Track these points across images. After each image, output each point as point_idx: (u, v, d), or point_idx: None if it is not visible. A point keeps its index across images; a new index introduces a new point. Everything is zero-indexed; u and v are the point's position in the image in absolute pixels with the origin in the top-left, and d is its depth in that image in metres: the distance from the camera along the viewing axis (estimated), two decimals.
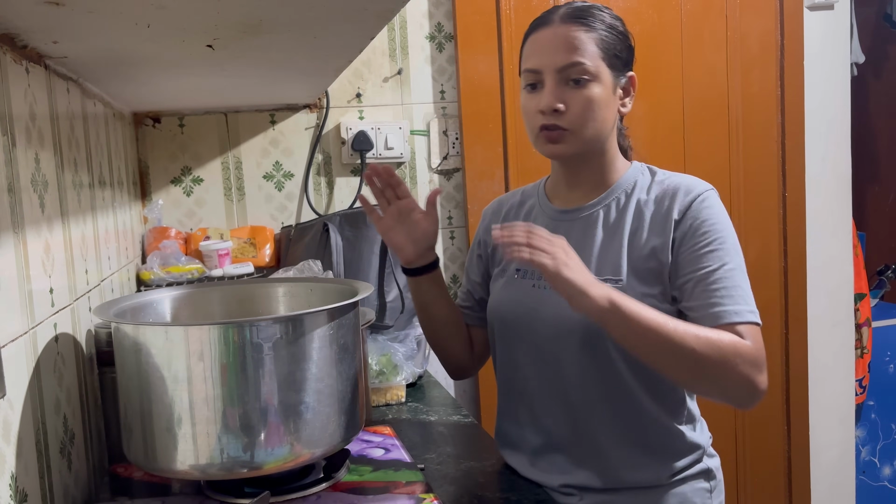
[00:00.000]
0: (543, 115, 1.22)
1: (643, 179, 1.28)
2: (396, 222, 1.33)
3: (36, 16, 0.86)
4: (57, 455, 1.06)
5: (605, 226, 1.26)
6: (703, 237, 1.18)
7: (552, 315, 1.23)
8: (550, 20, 1.23)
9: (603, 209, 1.27)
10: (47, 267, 1.07)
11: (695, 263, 1.17)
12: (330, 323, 1.09)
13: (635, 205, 1.25)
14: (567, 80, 1.21)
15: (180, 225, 2.10)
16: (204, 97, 1.86)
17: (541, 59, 1.22)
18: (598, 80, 1.21)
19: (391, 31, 2.17)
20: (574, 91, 1.21)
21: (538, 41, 1.24)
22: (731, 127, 2.36)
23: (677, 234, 1.20)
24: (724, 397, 1.17)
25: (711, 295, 1.15)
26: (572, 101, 1.21)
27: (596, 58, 1.21)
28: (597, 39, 1.21)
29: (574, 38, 1.20)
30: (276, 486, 1.12)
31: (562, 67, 1.20)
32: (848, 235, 2.49)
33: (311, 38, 1.12)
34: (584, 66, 1.20)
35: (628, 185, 1.28)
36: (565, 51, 1.20)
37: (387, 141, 2.14)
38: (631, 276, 1.20)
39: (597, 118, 1.22)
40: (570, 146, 1.23)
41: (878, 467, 2.81)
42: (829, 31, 2.40)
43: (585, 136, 1.23)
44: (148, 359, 1.04)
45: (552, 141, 1.24)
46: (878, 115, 3.43)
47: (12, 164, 0.95)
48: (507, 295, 1.33)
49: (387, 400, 1.71)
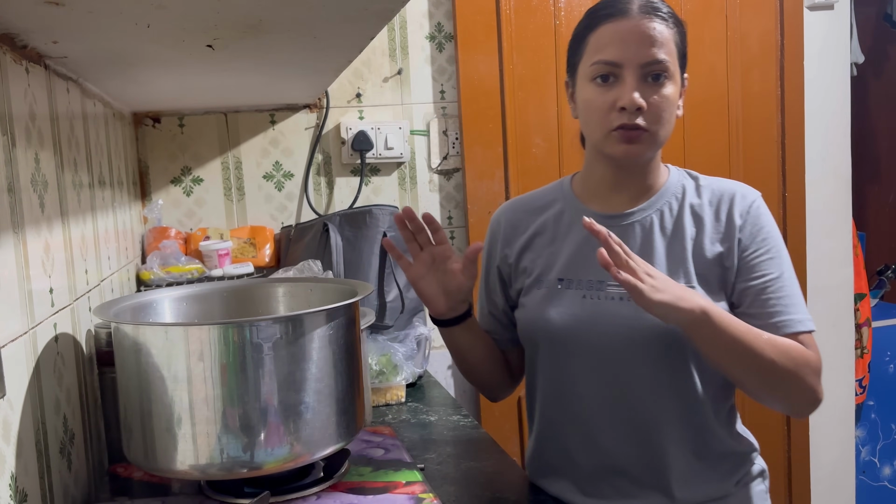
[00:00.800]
0: (622, 113, 1.14)
1: (689, 184, 1.23)
2: (428, 270, 1.23)
3: (36, 16, 0.86)
4: (57, 455, 1.06)
5: (662, 231, 1.20)
6: (762, 244, 1.16)
7: (616, 328, 1.16)
8: (629, 11, 1.14)
9: (657, 214, 1.21)
10: (47, 267, 1.07)
11: (755, 271, 1.15)
12: (330, 323, 1.09)
13: (690, 210, 1.20)
14: (646, 77, 1.14)
15: (180, 225, 2.10)
16: (204, 97, 1.86)
17: (623, 51, 1.13)
18: (673, 80, 1.16)
19: (391, 31, 2.17)
20: (653, 88, 1.14)
21: (618, 32, 1.14)
22: (731, 127, 2.36)
23: (739, 239, 1.17)
24: (787, 406, 1.18)
25: (774, 304, 1.14)
26: (652, 99, 1.14)
27: (674, 56, 1.15)
28: (674, 36, 1.15)
29: (660, 33, 1.13)
30: (276, 486, 1.12)
31: (646, 63, 1.13)
32: (848, 235, 2.49)
33: (311, 38, 1.12)
34: (666, 64, 1.14)
35: (677, 190, 1.22)
36: (651, 45, 1.13)
37: (387, 141, 2.14)
38: (701, 282, 1.16)
39: (670, 119, 1.17)
40: (646, 147, 1.16)
41: (878, 467, 2.81)
42: (829, 31, 2.40)
43: (661, 137, 1.17)
44: (148, 359, 1.04)
45: (629, 141, 1.15)
46: (878, 115, 3.43)
47: (12, 164, 0.95)
48: (552, 308, 1.21)
49: (387, 400, 1.71)
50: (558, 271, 1.23)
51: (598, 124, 1.17)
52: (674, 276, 1.15)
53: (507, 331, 1.34)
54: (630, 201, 1.22)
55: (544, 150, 2.22)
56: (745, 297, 1.16)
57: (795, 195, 2.40)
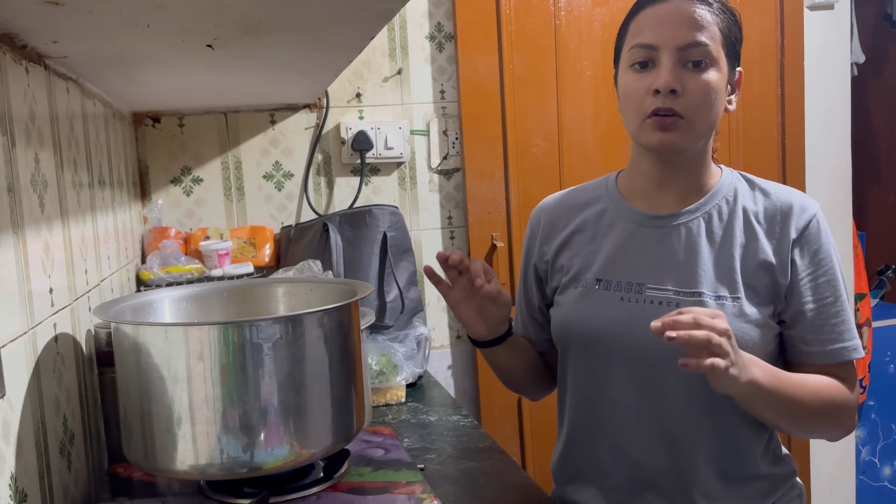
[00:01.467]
0: (656, 98, 1.08)
1: (742, 187, 1.17)
2: (467, 295, 1.19)
3: (36, 16, 0.86)
4: (57, 455, 1.06)
5: (709, 236, 1.14)
6: (820, 264, 1.13)
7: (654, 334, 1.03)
8: None
9: (704, 217, 1.15)
10: (47, 267, 1.07)
11: (813, 293, 1.12)
12: (330, 323, 1.09)
13: (742, 215, 1.15)
14: (686, 62, 1.09)
15: (180, 225, 2.10)
16: (204, 97, 1.86)
17: (659, 33, 1.09)
18: (717, 67, 1.10)
19: (391, 31, 2.17)
20: (693, 74, 1.08)
21: (656, 15, 1.10)
22: (731, 127, 2.36)
23: (795, 255, 1.13)
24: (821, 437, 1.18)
25: (832, 330, 1.11)
26: (691, 84, 1.08)
27: (718, 42, 1.09)
28: (719, 23, 1.10)
29: (700, 17, 1.09)
30: (275, 486, 1.12)
31: (683, 46, 1.08)
32: (848, 235, 2.49)
33: (311, 38, 1.12)
34: (707, 48, 1.08)
35: (728, 192, 1.16)
36: (689, 28, 1.08)
37: (387, 141, 2.14)
38: (748, 292, 1.11)
39: (712, 108, 1.10)
40: (683, 136, 1.10)
41: (878, 467, 2.81)
42: (829, 31, 2.40)
43: (699, 127, 1.10)
44: (148, 359, 1.04)
45: (664, 128, 1.09)
46: (878, 115, 3.43)
47: (12, 164, 0.95)
48: (587, 309, 1.17)
49: (387, 400, 1.71)
50: (597, 271, 1.18)
51: (634, 112, 1.12)
52: (717, 285, 1.11)
53: (544, 331, 1.30)
54: (677, 201, 1.17)
55: (544, 150, 2.22)
56: (798, 321, 1.12)
57: None
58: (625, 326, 1.13)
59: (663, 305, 1.11)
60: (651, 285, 1.13)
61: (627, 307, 1.14)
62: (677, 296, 1.12)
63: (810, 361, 1.13)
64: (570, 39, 2.23)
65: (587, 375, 1.19)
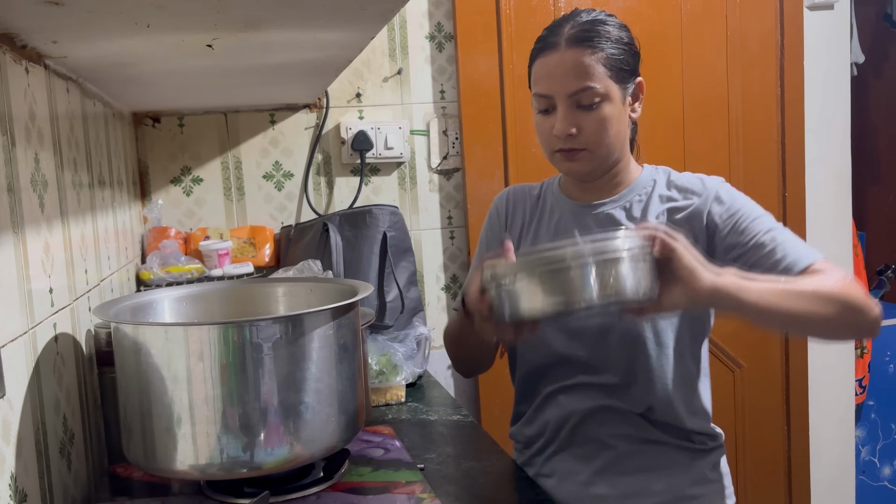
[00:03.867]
0: (559, 139, 1.24)
1: (660, 178, 1.31)
2: None
3: (36, 16, 0.86)
4: (56, 455, 1.06)
5: (630, 218, 1.28)
6: (738, 213, 1.23)
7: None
8: (556, 44, 1.23)
9: (625, 205, 1.30)
10: (47, 267, 1.07)
11: (743, 236, 1.21)
12: (330, 323, 1.09)
13: (658, 199, 1.29)
14: (578, 104, 1.22)
15: (180, 225, 2.10)
16: (204, 97, 1.86)
17: (550, 84, 1.23)
18: (608, 100, 1.22)
19: (391, 31, 2.17)
20: (586, 114, 1.22)
21: (546, 66, 1.24)
22: (731, 127, 2.36)
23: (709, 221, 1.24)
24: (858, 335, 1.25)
25: (774, 254, 1.18)
26: (585, 123, 1.22)
27: (604, 78, 1.21)
28: (604, 59, 1.21)
29: (582, 63, 1.20)
30: (275, 486, 1.12)
31: (573, 93, 1.21)
32: (848, 235, 2.49)
33: (311, 38, 1.12)
34: (594, 90, 1.21)
35: (647, 184, 1.31)
36: (574, 76, 1.21)
37: (386, 141, 2.14)
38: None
39: (611, 135, 1.24)
40: (587, 164, 1.25)
41: (878, 467, 2.81)
42: (829, 31, 2.40)
43: (601, 153, 1.25)
44: (148, 359, 1.04)
45: (569, 159, 1.25)
46: (878, 115, 3.43)
47: (12, 164, 0.95)
48: None
49: (387, 400, 1.71)
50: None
51: (544, 146, 1.28)
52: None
53: None
54: (601, 194, 1.32)
55: None
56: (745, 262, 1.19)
57: (795, 195, 2.39)
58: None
59: None
60: None
61: None
62: None
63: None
64: None
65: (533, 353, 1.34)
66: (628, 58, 1.24)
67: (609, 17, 1.26)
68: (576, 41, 1.21)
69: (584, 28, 1.22)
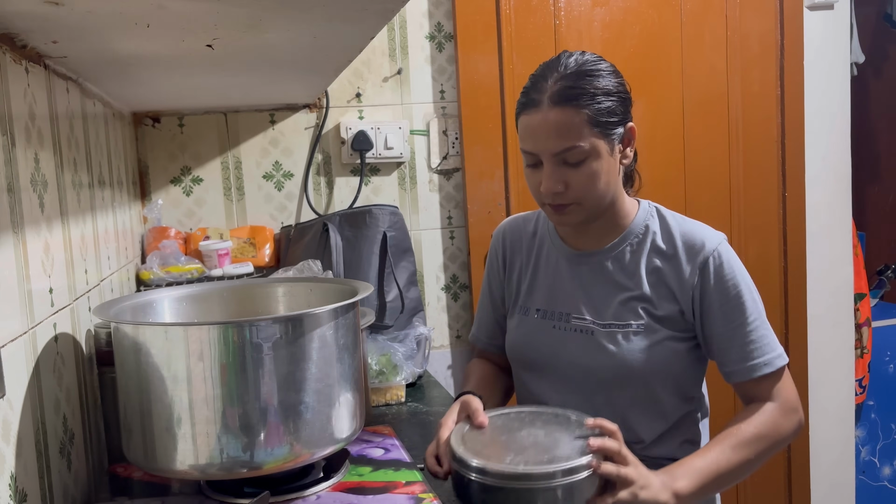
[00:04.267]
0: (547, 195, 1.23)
1: (653, 223, 1.31)
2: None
3: (36, 16, 0.86)
4: (56, 455, 1.06)
5: (621, 271, 1.29)
6: (724, 293, 1.24)
7: (576, 358, 1.29)
8: (539, 101, 1.20)
9: (619, 255, 1.30)
10: (47, 267, 1.07)
11: (722, 321, 1.24)
12: (330, 323, 1.09)
13: (649, 249, 1.29)
14: (564, 161, 1.21)
15: (180, 225, 2.10)
16: (204, 97, 1.86)
17: (535, 143, 1.22)
18: (595, 155, 1.20)
19: (391, 31, 2.17)
20: (574, 171, 1.21)
21: (530, 125, 1.22)
22: (731, 127, 2.36)
23: (696, 291, 1.25)
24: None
25: (742, 351, 1.23)
26: (573, 179, 1.21)
27: (590, 136, 1.19)
28: (589, 116, 1.19)
29: (565, 124, 1.18)
30: (275, 486, 1.12)
31: (558, 153, 1.20)
32: (848, 235, 2.49)
33: (310, 38, 1.12)
34: (580, 148, 1.19)
35: (640, 230, 1.30)
36: (558, 137, 1.19)
37: (386, 141, 2.14)
38: (651, 320, 1.26)
39: (599, 187, 1.23)
40: (578, 216, 1.26)
41: (877, 467, 2.81)
42: (829, 31, 2.40)
43: (591, 205, 1.24)
44: (148, 359, 1.04)
45: (559, 212, 1.25)
46: (878, 115, 3.43)
47: (12, 164, 0.95)
48: (529, 335, 1.36)
49: (387, 400, 1.71)
50: (536, 300, 1.37)
51: (535, 196, 1.28)
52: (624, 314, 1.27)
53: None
54: (596, 241, 1.32)
55: None
56: (716, 349, 1.26)
57: (795, 195, 2.40)
58: (556, 351, 1.31)
59: (584, 334, 1.29)
60: (575, 315, 1.31)
61: (558, 334, 1.32)
62: (594, 325, 1.29)
63: (732, 381, 1.27)
64: (570, 39, 2.23)
65: (531, 390, 1.37)
66: (617, 107, 1.22)
67: (597, 63, 1.22)
68: (559, 100, 1.18)
69: (568, 84, 1.19)
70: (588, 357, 1.28)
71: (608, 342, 1.26)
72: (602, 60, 1.24)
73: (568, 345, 1.30)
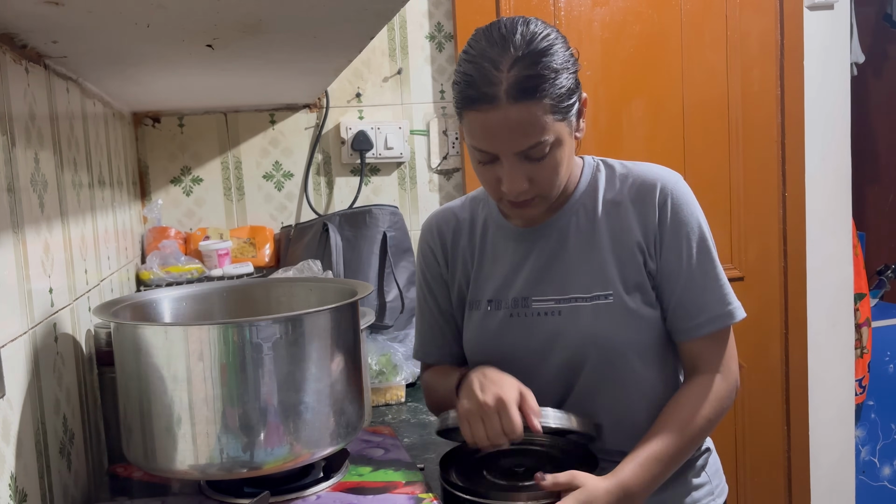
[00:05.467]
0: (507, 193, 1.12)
1: (601, 177, 1.21)
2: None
3: (36, 16, 0.86)
4: (56, 455, 1.06)
5: (578, 237, 1.19)
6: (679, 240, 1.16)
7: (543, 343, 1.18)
8: (495, 98, 1.05)
9: (571, 221, 1.20)
10: (47, 267, 1.07)
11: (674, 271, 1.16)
12: (330, 323, 1.09)
13: (605, 206, 1.19)
14: (527, 157, 1.09)
15: (180, 225, 2.10)
16: (204, 97, 1.86)
17: (493, 143, 1.08)
18: (557, 144, 1.09)
19: (391, 31, 2.17)
20: (537, 165, 1.10)
21: (487, 125, 1.07)
22: (731, 127, 2.36)
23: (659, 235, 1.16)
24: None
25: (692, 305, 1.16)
26: (537, 174, 1.10)
27: (553, 124, 1.07)
28: (549, 105, 1.06)
29: (528, 121, 1.05)
30: (275, 486, 1.12)
31: (522, 151, 1.08)
32: (848, 235, 2.49)
33: (311, 38, 1.12)
34: (544, 143, 1.08)
35: (591, 188, 1.20)
36: (522, 136, 1.06)
37: (386, 141, 2.14)
38: (624, 285, 1.16)
39: (562, 175, 1.13)
40: (541, 207, 1.16)
41: (877, 467, 2.81)
42: (829, 31, 2.40)
43: (554, 194, 1.15)
44: (147, 359, 1.04)
45: (521, 207, 1.14)
46: (878, 115, 3.43)
47: (12, 164, 0.95)
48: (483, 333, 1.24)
49: (387, 400, 1.71)
50: (488, 292, 1.24)
51: (492, 194, 1.16)
52: (591, 285, 1.16)
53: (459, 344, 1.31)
54: (544, 213, 1.20)
55: None
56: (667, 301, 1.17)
57: (795, 195, 2.40)
58: (517, 343, 1.20)
59: (549, 315, 1.18)
60: (535, 297, 1.19)
61: (517, 323, 1.20)
62: (557, 304, 1.18)
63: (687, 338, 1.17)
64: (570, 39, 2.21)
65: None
66: (572, 83, 1.09)
67: (547, 35, 1.09)
68: (518, 94, 1.04)
69: (526, 74, 1.05)
70: (557, 341, 1.17)
71: (576, 319, 1.16)
72: (549, 28, 1.11)
73: (533, 331, 1.18)
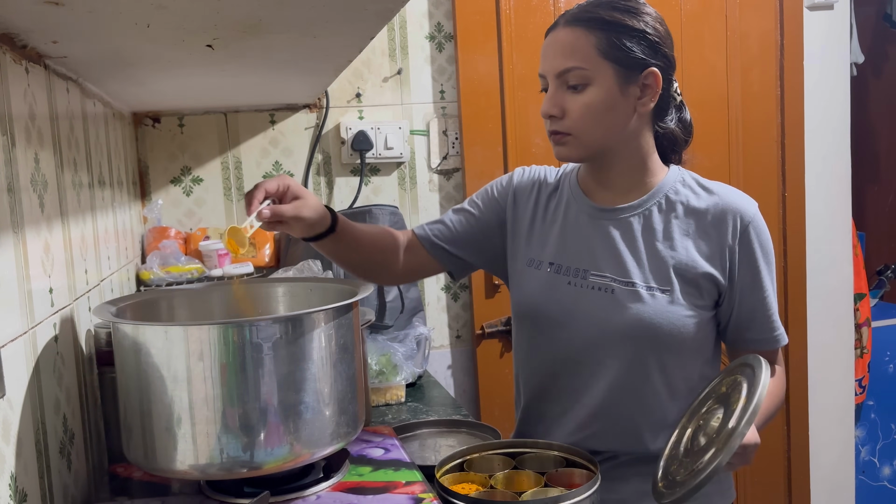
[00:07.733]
0: (546, 120, 1.22)
1: (685, 186, 1.26)
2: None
3: (36, 16, 0.86)
4: (56, 455, 1.06)
5: (647, 231, 1.24)
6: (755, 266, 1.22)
7: (590, 318, 1.22)
8: (558, 23, 1.21)
9: (644, 213, 1.24)
10: (47, 267, 1.07)
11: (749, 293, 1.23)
12: (330, 323, 1.09)
13: (683, 212, 1.24)
14: (566, 85, 1.19)
15: (180, 225, 2.10)
16: (204, 97, 1.86)
17: (544, 63, 1.21)
18: (597, 83, 1.17)
19: (391, 31, 2.17)
20: (573, 96, 1.18)
21: (546, 45, 1.22)
22: (731, 127, 2.36)
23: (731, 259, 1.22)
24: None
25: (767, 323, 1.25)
26: (570, 106, 1.18)
27: (596, 59, 1.16)
28: (599, 40, 1.16)
29: (570, 42, 1.17)
30: (275, 486, 1.12)
31: (559, 73, 1.18)
32: (848, 235, 2.49)
33: (311, 38, 1.12)
34: (581, 72, 1.16)
35: (670, 190, 1.25)
36: (562, 56, 1.18)
37: (386, 141, 2.14)
38: (681, 286, 1.21)
39: (600, 123, 1.19)
40: (574, 150, 1.22)
41: (877, 467, 2.81)
42: (829, 31, 2.40)
43: (588, 140, 1.20)
44: (148, 359, 1.04)
45: (556, 143, 1.23)
46: (878, 115, 3.43)
47: (12, 164, 0.95)
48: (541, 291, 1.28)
49: (387, 400, 1.71)
50: (550, 255, 1.28)
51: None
52: (652, 276, 1.21)
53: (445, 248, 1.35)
54: (618, 197, 1.26)
55: (544, 150, 2.22)
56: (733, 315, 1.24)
57: (795, 195, 2.40)
58: (570, 308, 1.24)
59: (603, 292, 1.23)
60: (594, 272, 1.24)
61: (573, 291, 1.24)
62: (614, 283, 1.22)
63: (744, 348, 1.25)
64: None
65: (538, 349, 1.30)
66: (637, 42, 1.16)
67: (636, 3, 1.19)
68: (573, 20, 1.18)
69: (587, 9, 1.18)
70: (607, 315, 1.21)
71: (629, 301, 1.20)
72: (645, 5, 1.20)
73: (585, 302, 1.23)
